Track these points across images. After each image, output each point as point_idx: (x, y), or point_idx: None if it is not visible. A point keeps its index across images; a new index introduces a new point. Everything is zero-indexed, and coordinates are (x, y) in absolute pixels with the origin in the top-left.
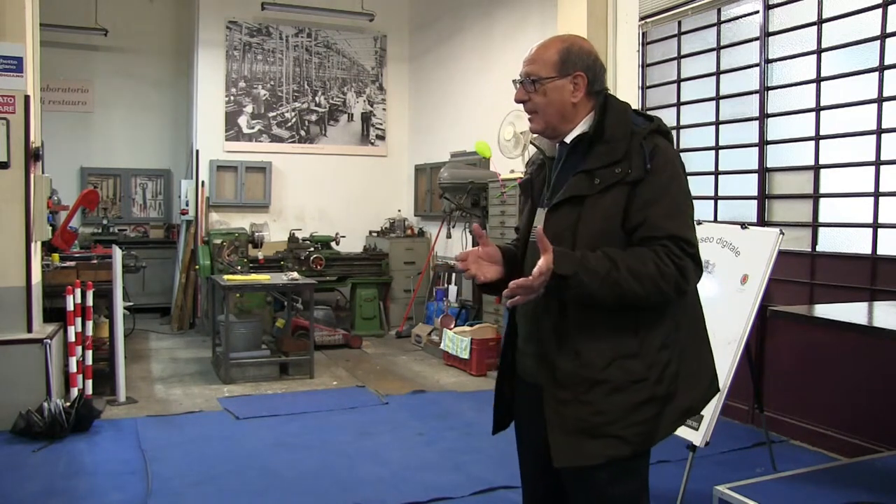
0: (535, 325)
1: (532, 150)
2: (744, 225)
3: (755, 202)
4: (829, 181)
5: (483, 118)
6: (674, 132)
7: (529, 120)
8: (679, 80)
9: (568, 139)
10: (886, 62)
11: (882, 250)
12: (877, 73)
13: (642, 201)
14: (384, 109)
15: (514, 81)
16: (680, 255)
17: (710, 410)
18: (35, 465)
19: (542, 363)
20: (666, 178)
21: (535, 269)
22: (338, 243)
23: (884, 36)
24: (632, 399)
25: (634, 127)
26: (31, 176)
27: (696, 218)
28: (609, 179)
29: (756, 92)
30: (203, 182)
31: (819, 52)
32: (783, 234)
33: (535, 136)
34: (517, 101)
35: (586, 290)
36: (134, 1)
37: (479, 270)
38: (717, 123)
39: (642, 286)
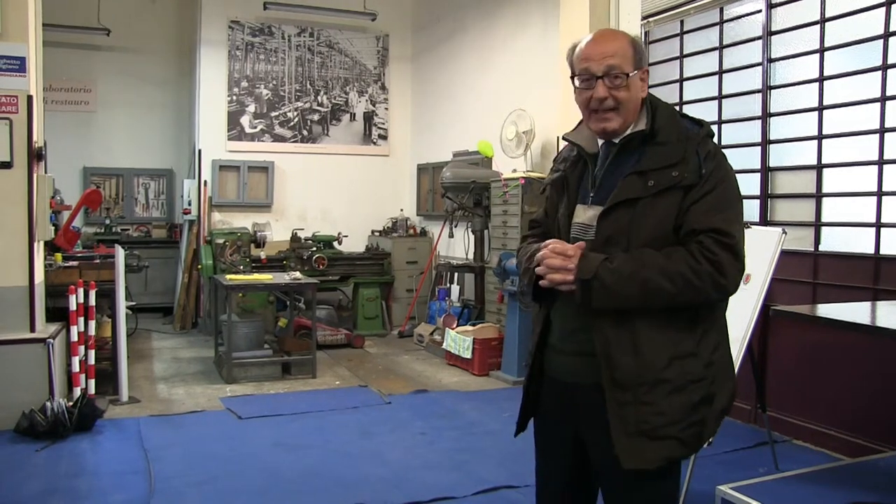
0: (582, 324)
1: (535, 150)
2: (746, 224)
3: (758, 201)
4: (832, 180)
5: (485, 117)
6: None
7: (604, 119)
8: (681, 80)
9: (617, 138)
10: (889, 61)
11: (885, 250)
12: (880, 73)
13: (689, 202)
14: (386, 109)
15: (583, 77)
16: (715, 250)
17: None
18: (38, 464)
19: (602, 363)
20: (715, 179)
21: (565, 247)
22: (340, 243)
23: (886, 35)
24: (690, 399)
25: (687, 131)
26: (34, 176)
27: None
28: (665, 182)
29: (758, 91)
30: (205, 182)
31: (822, 51)
32: (786, 233)
33: (570, 131)
34: (600, 97)
35: (611, 292)
36: (136, 1)
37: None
38: (720, 123)
39: (674, 285)
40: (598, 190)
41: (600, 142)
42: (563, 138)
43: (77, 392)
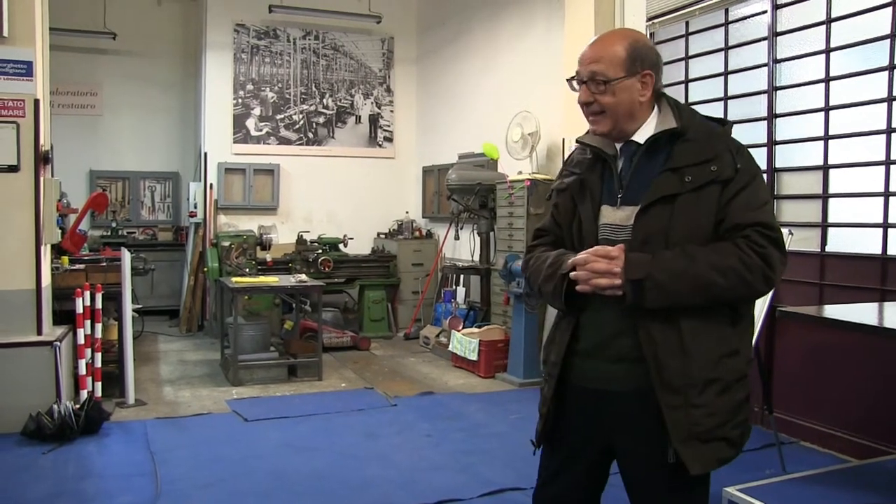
0: (624, 328)
1: (541, 151)
2: None
3: None
4: (839, 181)
5: (490, 120)
6: None
7: (593, 122)
8: (687, 81)
9: (640, 138)
10: None
11: (892, 250)
12: (886, 73)
13: (728, 196)
14: (392, 111)
15: (572, 81)
16: (763, 243)
17: None
18: (45, 466)
19: (651, 366)
20: (750, 174)
21: (608, 250)
22: (346, 245)
23: (893, 35)
24: (736, 398)
25: (714, 128)
26: (41, 179)
27: None
28: (703, 178)
29: (764, 92)
30: (211, 184)
31: (828, 51)
32: (792, 234)
33: (584, 135)
34: (582, 102)
35: (665, 290)
36: (142, 4)
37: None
38: None
39: (727, 279)
40: (626, 190)
41: (619, 144)
42: (577, 141)
43: (84, 395)
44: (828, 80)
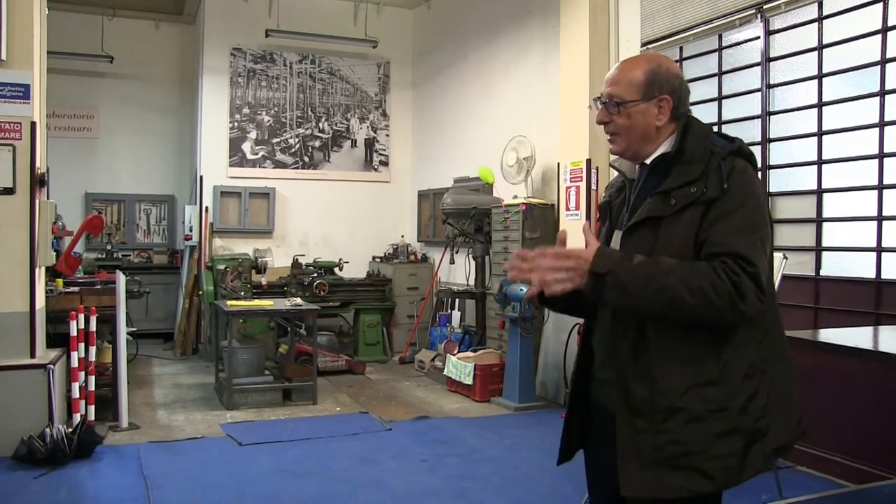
0: (612, 350)
1: (536, 176)
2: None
3: None
4: (832, 205)
5: (486, 144)
6: None
7: (610, 141)
8: None
9: (648, 160)
10: (886, 87)
11: (886, 274)
12: (877, 98)
13: (712, 218)
14: (387, 135)
15: (595, 101)
16: (738, 271)
17: None
18: (36, 491)
19: (617, 389)
20: (740, 197)
21: (571, 250)
22: (341, 269)
23: (884, 61)
24: (712, 430)
25: (714, 147)
26: (37, 201)
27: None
28: (684, 199)
29: (758, 117)
30: (207, 208)
31: (820, 77)
32: (787, 258)
33: (614, 158)
34: (599, 122)
35: (625, 291)
36: (139, 28)
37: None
38: None
39: (692, 296)
40: (630, 214)
41: (637, 167)
42: (610, 165)
43: (77, 418)
44: (820, 104)
